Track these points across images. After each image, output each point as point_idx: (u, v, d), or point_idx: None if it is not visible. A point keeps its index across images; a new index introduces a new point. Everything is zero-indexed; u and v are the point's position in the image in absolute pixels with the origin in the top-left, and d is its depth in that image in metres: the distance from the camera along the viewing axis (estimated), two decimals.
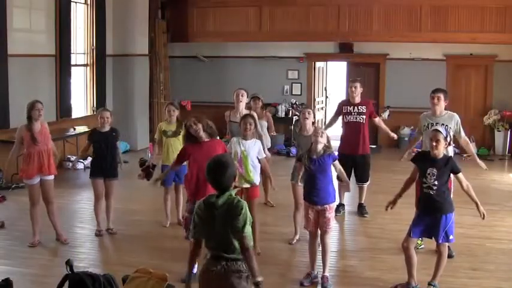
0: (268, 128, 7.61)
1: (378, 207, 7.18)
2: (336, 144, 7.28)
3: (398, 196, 4.81)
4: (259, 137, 7.35)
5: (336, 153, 5.31)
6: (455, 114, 5.79)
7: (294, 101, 12.57)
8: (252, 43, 12.57)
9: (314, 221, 4.93)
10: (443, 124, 5.49)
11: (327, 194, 4.87)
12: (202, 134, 4.84)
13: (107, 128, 6.22)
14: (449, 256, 5.45)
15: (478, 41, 11.03)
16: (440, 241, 4.55)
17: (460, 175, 4.55)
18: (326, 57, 12.93)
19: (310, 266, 5.01)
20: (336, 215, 6.98)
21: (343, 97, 13.49)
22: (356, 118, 6.96)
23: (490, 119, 11.48)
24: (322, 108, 13.61)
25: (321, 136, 4.84)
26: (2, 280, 4.02)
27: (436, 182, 4.48)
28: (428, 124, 5.70)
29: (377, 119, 7.27)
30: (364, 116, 6.96)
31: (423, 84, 11.77)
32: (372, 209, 7.17)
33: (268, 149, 7.08)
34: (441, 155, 4.50)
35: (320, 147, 4.83)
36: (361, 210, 7.13)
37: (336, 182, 6.96)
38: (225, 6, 12.31)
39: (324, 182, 4.85)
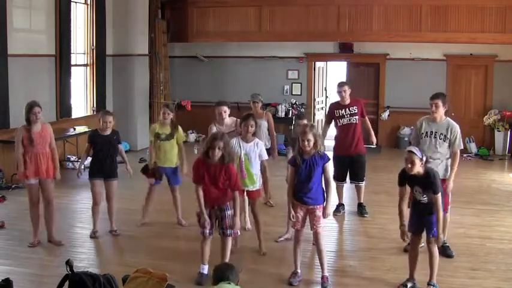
0: (268, 129, 7.60)
1: (378, 207, 7.21)
2: (329, 144, 7.30)
3: (402, 225, 4.76)
4: (271, 137, 7.38)
5: (329, 153, 5.23)
6: (455, 124, 5.53)
7: (294, 101, 12.57)
8: (252, 43, 12.57)
9: (302, 220, 4.92)
10: (442, 134, 5.47)
11: (318, 195, 4.84)
12: (216, 159, 4.67)
13: (108, 132, 6.12)
14: (449, 256, 5.47)
15: (478, 41, 11.03)
16: (429, 235, 4.62)
17: (438, 197, 4.51)
18: (326, 57, 12.92)
19: (295, 265, 4.98)
20: (335, 215, 7.03)
21: None
22: (350, 120, 6.92)
23: (490, 119, 11.48)
24: (322, 108, 13.61)
25: (308, 145, 4.72)
26: (2, 280, 4.02)
27: (425, 196, 4.57)
28: (427, 132, 5.53)
29: (364, 119, 7.19)
30: (357, 117, 6.93)
31: (423, 84, 11.81)
32: (372, 209, 7.18)
33: (268, 149, 7.06)
34: (421, 172, 4.52)
35: (309, 148, 4.75)
36: (360, 210, 7.12)
37: (334, 183, 6.98)
38: (225, 6, 12.31)
39: (314, 183, 4.80)
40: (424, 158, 4.55)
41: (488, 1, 10.90)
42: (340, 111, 6.97)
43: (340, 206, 7.17)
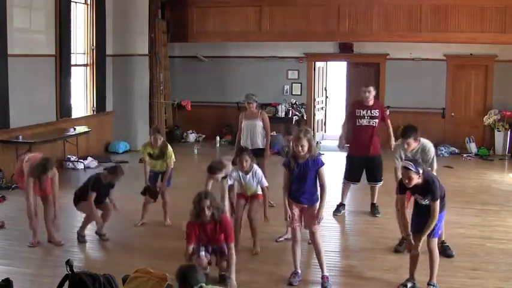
0: (264, 128, 7.56)
1: (380, 207, 7.18)
2: (335, 143, 7.29)
3: (407, 235, 4.72)
4: (265, 137, 7.40)
5: (323, 154, 5.23)
6: (429, 145, 5.61)
7: (294, 101, 12.57)
8: (252, 43, 12.57)
9: (298, 218, 4.92)
10: (418, 158, 5.45)
11: (313, 195, 4.86)
12: (207, 219, 4.64)
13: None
14: (449, 256, 5.47)
15: (478, 41, 11.03)
16: (430, 235, 4.61)
17: (436, 203, 4.50)
18: (326, 57, 12.93)
19: (294, 265, 4.97)
20: (336, 215, 7.03)
21: (343, 97, 13.51)
22: (369, 122, 6.89)
23: (490, 119, 11.48)
24: (322, 108, 13.62)
25: (302, 151, 4.72)
26: (2, 280, 4.02)
27: (426, 201, 4.57)
28: (406, 156, 5.56)
29: (386, 122, 7.13)
30: (376, 120, 6.89)
31: (423, 84, 11.82)
32: None
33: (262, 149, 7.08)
34: (420, 183, 4.51)
35: (303, 153, 4.74)
36: (373, 210, 7.10)
37: (339, 182, 6.98)
38: (225, 6, 12.31)
39: (308, 186, 4.82)
40: (421, 171, 4.51)
41: (488, 1, 10.90)
42: (361, 111, 6.94)
43: (340, 206, 7.16)
